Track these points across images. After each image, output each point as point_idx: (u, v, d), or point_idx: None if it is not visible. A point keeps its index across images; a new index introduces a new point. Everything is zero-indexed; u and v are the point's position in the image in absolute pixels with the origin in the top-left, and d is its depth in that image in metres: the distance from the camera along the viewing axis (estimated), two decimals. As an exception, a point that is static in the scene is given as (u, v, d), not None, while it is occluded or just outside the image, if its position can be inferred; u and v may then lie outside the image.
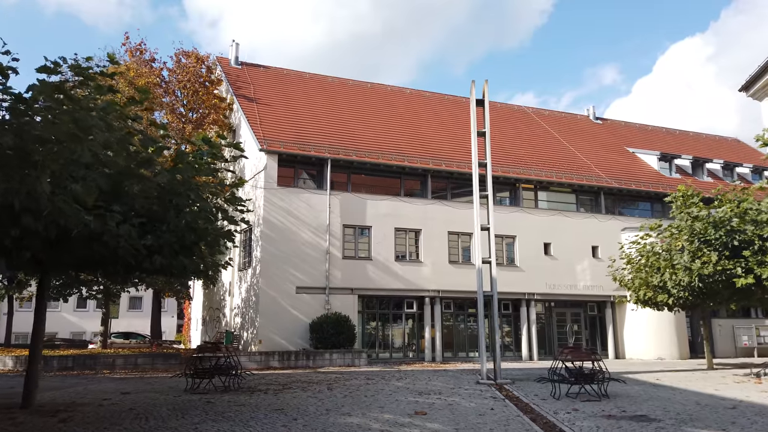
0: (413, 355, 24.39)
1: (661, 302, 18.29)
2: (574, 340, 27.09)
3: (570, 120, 36.53)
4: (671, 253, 17.15)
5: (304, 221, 22.87)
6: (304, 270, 22.49)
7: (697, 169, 33.33)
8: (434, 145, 27.54)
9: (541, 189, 27.95)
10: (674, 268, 16.54)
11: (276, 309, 21.78)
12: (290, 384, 13.90)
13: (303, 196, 23.16)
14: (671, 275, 16.52)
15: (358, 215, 23.85)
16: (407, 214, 24.65)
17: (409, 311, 24.68)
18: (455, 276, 24.76)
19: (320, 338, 21.21)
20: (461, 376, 16.83)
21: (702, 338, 29.92)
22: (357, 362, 21.05)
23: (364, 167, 24.64)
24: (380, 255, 23.79)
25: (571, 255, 26.99)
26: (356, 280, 23.21)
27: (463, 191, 26.47)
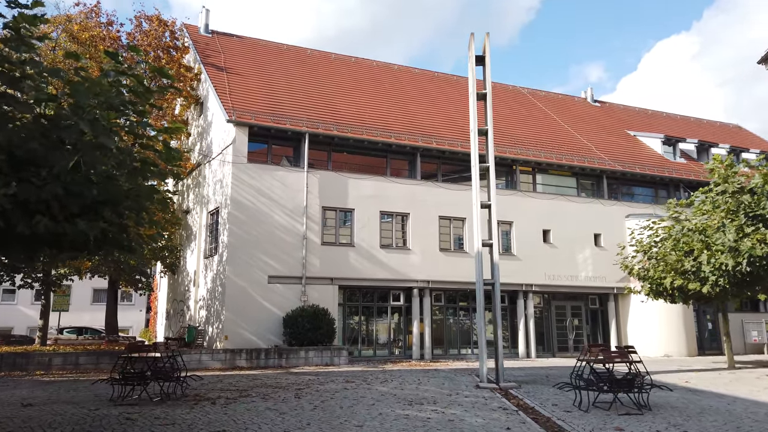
0: (400, 353, 22.00)
1: (692, 291, 15.81)
2: (575, 335, 24.91)
3: (567, 102, 34.32)
4: (707, 233, 14.84)
5: (278, 202, 20.31)
6: (278, 257, 19.95)
7: (702, 153, 31.30)
8: (424, 123, 25.10)
9: (539, 171, 25.67)
10: (712, 250, 14.23)
11: (245, 301, 19.22)
12: (250, 390, 11.40)
13: (277, 174, 20.58)
14: (709, 258, 14.17)
15: (339, 196, 21.34)
16: (394, 196, 22.19)
17: (396, 304, 22.27)
18: (447, 265, 22.39)
19: (295, 334, 18.71)
20: (456, 378, 14.45)
21: (708, 334, 28.08)
22: (336, 361, 18.59)
23: (347, 144, 22.12)
24: (364, 241, 21.33)
25: (571, 243, 24.76)
26: (337, 269, 20.73)
27: (456, 173, 24.09)
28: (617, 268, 25.29)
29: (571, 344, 24.71)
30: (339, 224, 21.42)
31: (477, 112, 14.33)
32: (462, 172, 24.20)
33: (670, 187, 28.32)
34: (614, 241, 25.48)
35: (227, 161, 20.08)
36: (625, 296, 25.60)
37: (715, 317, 27.55)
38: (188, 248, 23.46)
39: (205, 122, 23.54)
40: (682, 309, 24.74)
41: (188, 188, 24.82)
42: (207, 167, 22.53)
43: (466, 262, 22.61)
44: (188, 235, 23.74)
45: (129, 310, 38.13)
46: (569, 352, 24.44)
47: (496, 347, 13.41)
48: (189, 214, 24.04)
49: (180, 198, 25.51)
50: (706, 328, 27.17)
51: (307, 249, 20.35)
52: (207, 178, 22.36)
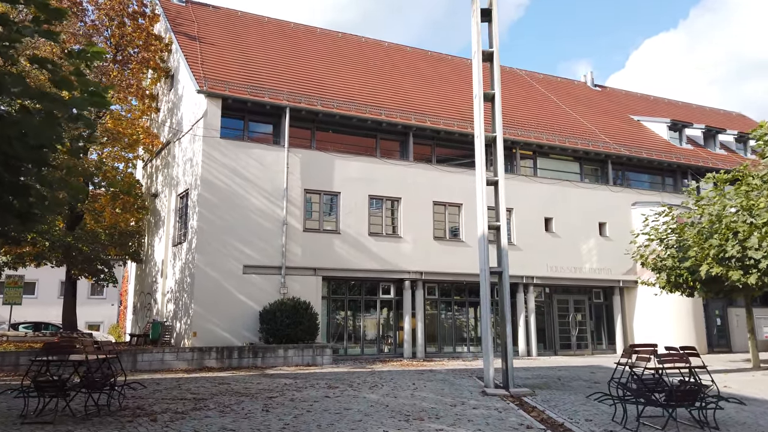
0: (389, 351, 20.04)
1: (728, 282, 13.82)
2: (578, 332, 23.13)
3: (567, 85, 32.49)
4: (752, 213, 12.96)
5: (255, 183, 18.20)
6: (255, 245, 17.87)
7: (709, 140, 29.67)
8: (417, 101, 23.09)
9: (540, 155, 23.79)
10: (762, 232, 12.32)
11: (216, 293, 17.12)
12: (210, 399, 9.36)
13: (254, 152, 18.45)
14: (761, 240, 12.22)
15: (323, 178, 19.27)
16: (384, 178, 20.17)
17: (385, 297, 20.29)
18: (441, 255, 20.44)
19: (272, 330, 16.66)
20: (456, 381, 12.52)
21: (717, 330, 26.48)
22: (319, 360, 16.58)
23: (332, 121, 20.04)
24: (350, 228, 19.30)
25: (575, 232, 22.94)
26: (320, 259, 18.69)
27: (452, 156, 22.13)
28: (623, 259, 23.58)
29: (573, 341, 22.93)
30: (323, 209, 19.37)
31: (482, 73, 12.34)
32: (458, 154, 22.27)
33: (677, 173, 26.62)
34: (620, 231, 23.73)
35: (197, 134, 17.92)
36: (631, 290, 23.87)
37: (723, 312, 25.98)
38: (156, 235, 21.26)
39: (175, 96, 21.31)
40: (692, 304, 23.08)
41: (157, 170, 22.59)
42: (177, 146, 20.33)
43: (463, 252, 20.71)
44: (156, 221, 21.53)
45: (100, 305, 35.79)
46: (572, 350, 22.67)
47: (504, 347, 11.47)
48: (158, 198, 21.82)
49: (149, 181, 23.28)
50: (714, 324, 25.54)
51: (288, 236, 18.28)
52: (177, 158, 20.17)
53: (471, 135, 21.91)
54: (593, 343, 23.37)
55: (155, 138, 20.14)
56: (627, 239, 23.73)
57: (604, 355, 22.37)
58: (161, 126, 22.55)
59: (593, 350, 23.13)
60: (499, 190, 12.14)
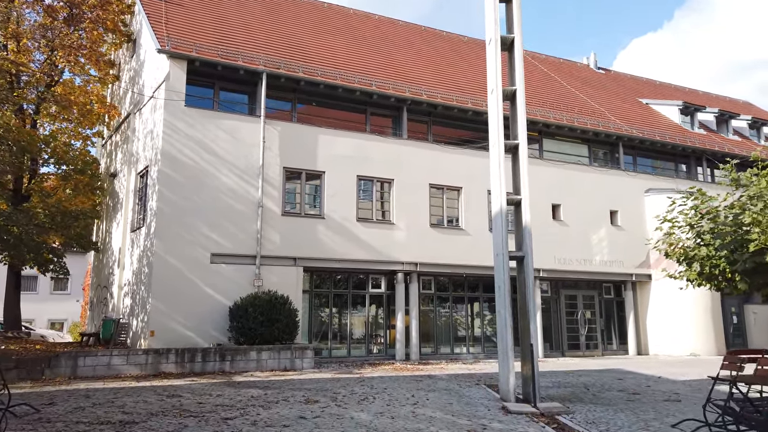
0: (380, 351, 17.72)
1: None
2: (587, 330, 20.97)
3: (570, 67, 30.33)
4: None
5: (226, 159, 15.75)
6: (225, 230, 15.43)
7: (721, 125, 27.70)
8: (411, 74, 20.74)
9: (546, 136, 21.57)
10: None
11: (178, 286, 14.65)
12: (140, 424, 6.95)
13: (225, 124, 15.99)
14: None
15: (305, 155, 16.87)
16: (375, 157, 17.82)
17: (376, 291, 17.95)
18: (439, 244, 18.15)
19: (243, 329, 14.24)
20: (464, 392, 10.22)
21: (733, 329, 24.55)
22: (298, 364, 14.20)
23: (316, 91, 17.63)
24: (336, 213, 16.94)
25: (584, 221, 20.78)
26: (301, 247, 16.30)
27: (450, 135, 19.83)
28: (636, 251, 21.49)
29: (582, 341, 20.76)
30: (305, 190, 16.96)
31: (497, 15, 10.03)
32: (457, 133, 19.98)
33: (692, 159, 24.60)
34: (632, 220, 21.65)
35: (158, 101, 15.42)
36: (644, 285, 21.79)
37: (739, 309, 24.01)
38: (114, 221, 18.69)
39: (137, 63, 18.75)
40: (710, 301, 21.06)
41: (116, 146, 19.99)
42: (137, 118, 17.78)
43: (463, 241, 18.45)
44: (115, 204, 18.95)
45: (65, 301, 32.95)
46: (581, 351, 20.51)
47: (529, 351, 9.21)
48: (116, 179, 19.24)
49: (108, 160, 20.69)
50: (730, 322, 23.53)
51: (264, 220, 15.86)
52: (137, 131, 17.63)
53: (471, 111, 19.70)
54: (604, 343, 21.23)
55: (112, 109, 17.59)
56: (640, 229, 21.70)
57: (617, 357, 20.25)
58: (122, 98, 19.96)
59: (603, 351, 21.01)
60: (521, 157, 9.86)
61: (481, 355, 18.73)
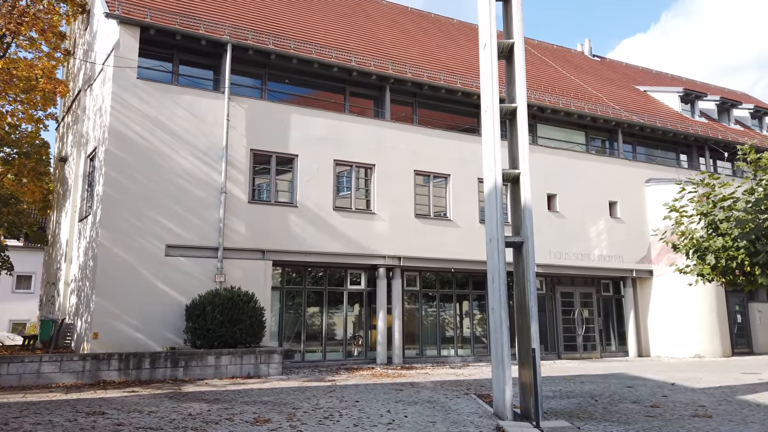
0: (359, 354, 16.04)
1: None
2: (584, 330, 19.42)
3: (564, 53, 28.82)
4: None
5: (184, 139, 13.98)
6: (182, 219, 13.66)
7: (722, 114, 26.35)
8: (396, 53, 19.07)
9: (541, 121, 20.01)
10: None
11: (127, 282, 12.86)
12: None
13: (184, 100, 14.21)
14: None
15: (276, 137, 15.14)
16: (354, 140, 16.14)
17: (355, 288, 16.27)
18: (425, 237, 16.51)
19: (200, 330, 12.48)
20: (451, 404, 8.56)
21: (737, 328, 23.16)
22: (264, 370, 12.47)
23: (288, 66, 15.90)
24: (310, 200, 15.23)
25: (582, 212, 19.26)
26: (271, 238, 14.58)
27: (437, 118, 18.19)
28: (636, 245, 20.04)
29: (580, 342, 19.21)
30: (275, 175, 15.23)
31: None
32: (444, 117, 18.35)
33: (693, 148, 23.19)
34: (633, 212, 20.18)
35: (108, 69, 13.61)
36: (645, 281, 20.30)
37: (743, 308, 22.64)
38: (63, 210, 16.83)
39: (90, 35, 16.90)
40: (715, 298, 19.62)
41: (68, 128, 18.12)
42: (88, 94, 15.95)
43: (451, 233, 16.84)
44: (65, 191, 17.10)
45: (28, 300, 30.80)
46: (578, 353, 18.97)
47: (530, 356, 7.58)
48: (66, 163, 17.38)
49: (60, 144, 18.81)
50: (734, 322, 22.12)
51: (227, 208, 14.11)
52: (88, 110, 15.80)
53: (460, 92, 18.08)
54: (602, 344, 19.70)
55: (60, 84, 15.72)
56: (641, 221, 20.25)
57: (617, 359, 18.73)
58: (76, 75, 18.10)
59: (602, 352, 19.48)
60: (519, 124, 8.23)
61: (471, 358, 17.12)
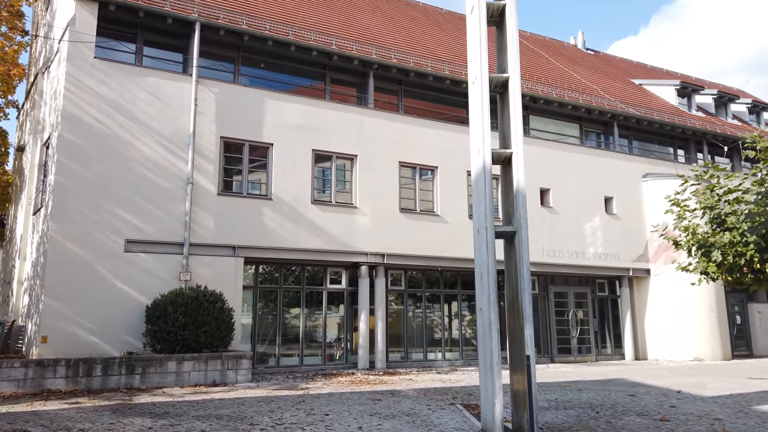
0: (340, 358, 14.95)
1: None
2: (578, 332, 18.44)
3: (556, 45, 27.91)
4: None
5: (147, 125, 12.83)
6: (145, 211, 12.51)
7: (720, 108, 25.55)
8: (380, 38, 18.02)
9: (533, 112, 19.05)
10: None
11: (82, 280, 11.70)
12: None
13: (147, 82, 13.06)
14: None
15: (249, 124, 14.03)
16: (335, 128, 15.05)
17: (335, 288, 15.17)
18: (410, 233, 15.46)
19: (161, 333, 11.32)
20: (434, 417, 7.49)
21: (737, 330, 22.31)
22: (231, 377, 11.35)
23: (264, 48, 14.80)
24: (286, 193, 14.13)
25: (576, 208, 18.30)
26: (242, 233, 13.46)
27: (424, 108, 17.16)
28: (633, 243, 19.12)
29: (574, 345, 18.23)
30: (248, 165, 14.11)
31: None
32: (433, 106, 17.32)
33: (691, 143, 22.32)
34: (629, 208, 19.27)
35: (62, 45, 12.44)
36: (641, 281, 19.37)
37: (743, 309, 21.78)
38: (20, 203, 15.61)
39: (50, 15, 15.70)
40: (715, 299, 18.73)
41: (26, 115, 16.89)
42: (45, 78, 14.75)
43: (439, 229, 15.81)
44: (22, 183, 15.87)
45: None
46: (572, 356, 17.99)
47: (523, 364, 6.53)
48: (24, 152, 16.15)
49: (20, 132, 17.57)
50: (734, 323, 21.26)
51: (195, 200, 12.97)
52: (45, 94, 14.59)
53: (449, 80, 17.05)
54: (597, 346, 18.73)
55: (15, 67, 14.51)
56: (638, 218, 19.34)
57: (613, 363, 17.77)
58: (38, 59, 16.88)
59: (597, 356, 18.51)
60: (511, 98, 7.17)
61: (459, 362, 16.08)
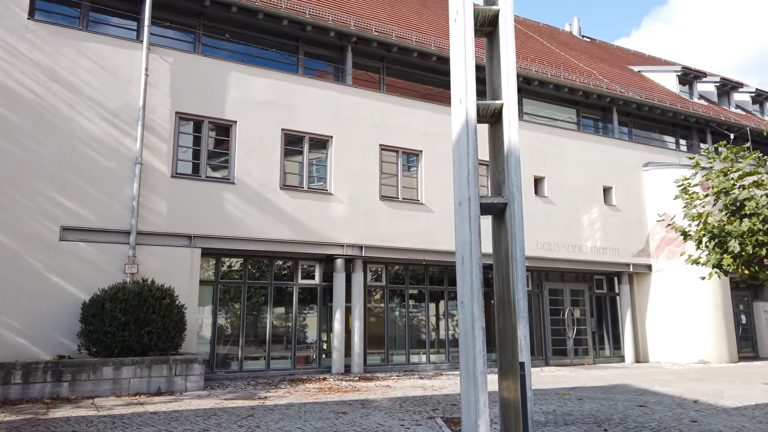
0: (312, 361, 13.43)
1: None
2: (575, 333, 17.03)
3: (551, 31, 26.53)
4: None
5: (89, 97, 11.28)
6: (85, 195, 10.96)
7: (722, 97, 24.30)
8: (360, 10, 16.53)
9: (527, 95, 17.64)
10: None
11: (7, 273, 10.14)
12: None
13: (90, 49, 11.51)
14: None
15: (210, 99, 12.50)
16: (307, 106, 13.55)
17: (307, 283, 13.66)
18: (392, 223, 13.99)
19: (97, 334, 9.77)
20: (404, 442, 6.01)
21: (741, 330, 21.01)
22: (180, 384, 9.83)
23: (228, 17, 13.27)
24: (251, 176, 12.61)
25: (573, 198, 16.91)
26: (200, 221, 11.93)
27: (407, 87, 15.70)
28: (634, 236, 17.79)
29: (570, 346, 16.82)
30: (208, 145, 12.57)
31: None
32: (417, 86, 15.87)
33: (693, 131, 21.00)
34: (629, 199, 17.93)
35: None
36: (642, 277, 18.01)
37: (748, 308, 20.49)
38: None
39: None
40: (721, 296, 17.40)
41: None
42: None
43: (423, 219, 14.35)
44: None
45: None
46: (568, 358, 16.60)
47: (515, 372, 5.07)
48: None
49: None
50: (739, 323, 19.94)
51: (144, 183, 11.43)
52: (-20, 64, 12.99)
53: (435, 56, 15.57)
54: (595, 348, 17.34)
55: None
56: (638, 210, 18.01)
57: (613, 366, 16.38)
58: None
59: (595, 358, 17.12)
60: (501, 38, 5.70)
61: (445, 365, 14.63)
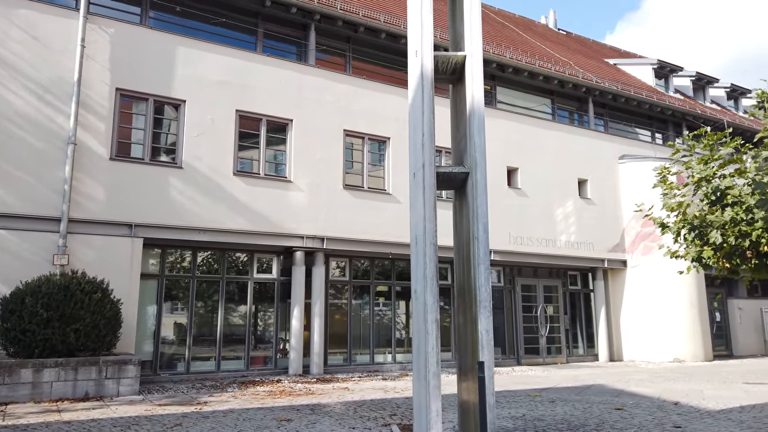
0: (268, 362, 12.47)
1: None
2: (548, 331, 16.38)
3: (527, 23, 25.93)
4: None
5: (16, 69, 10.15)
6: (7, 177, 9.84)
7: (698, 91, 23.99)
8: (327, -9, 15.59)
9: (501, 83, 16.93)
10: None
11: None
12: None
13: (19, 16, 10.37)
14: None
15: (155, 74, 11.44)
16: (265, 86, 12.57)
17: (263, 277, 12.70)
18: (356, 214, 13.11)
19: (14, 332, 8.67)
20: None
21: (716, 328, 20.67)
22: (111, 388, 8.79)
23: (179, -12, 12.24)
24: (201, 161, 11.59)
25: (547, 190, 16.27)
26: (142, 208, 10.87)
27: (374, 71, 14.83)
28: (608, 230, 17.23)
29: (543, 344, 16.17)
30: (152, 126, 11.50)
31: None
32: (386, 71, 15.00)
33: (670, 124, 20.61)
34: (604, 192, 17.37)
35: None
36: (617, 273, 17.48)
37: (722, 305, 20.16)
38: None
39: None
40: (696, 293, 16.96)
41: None
42: None
43: (390, 210, 13.50)
44: None
45: None
46: (541, 357, 15.95)
47: (468, 366, 4.21)
48: None
49: None
50: (713, 320, 19.58)
51: (78, 166, 10.34)
52: None
53: (403, 38, 14.79)
54: (569, 346, 16.73)
55: None
56: (614, 203, 17.47)
57: (587, 365, 15.78)
58: None
59: (568, 357, 16.52)
60: (461, -19, 4.83)
61: (411, 365, 13.77)
